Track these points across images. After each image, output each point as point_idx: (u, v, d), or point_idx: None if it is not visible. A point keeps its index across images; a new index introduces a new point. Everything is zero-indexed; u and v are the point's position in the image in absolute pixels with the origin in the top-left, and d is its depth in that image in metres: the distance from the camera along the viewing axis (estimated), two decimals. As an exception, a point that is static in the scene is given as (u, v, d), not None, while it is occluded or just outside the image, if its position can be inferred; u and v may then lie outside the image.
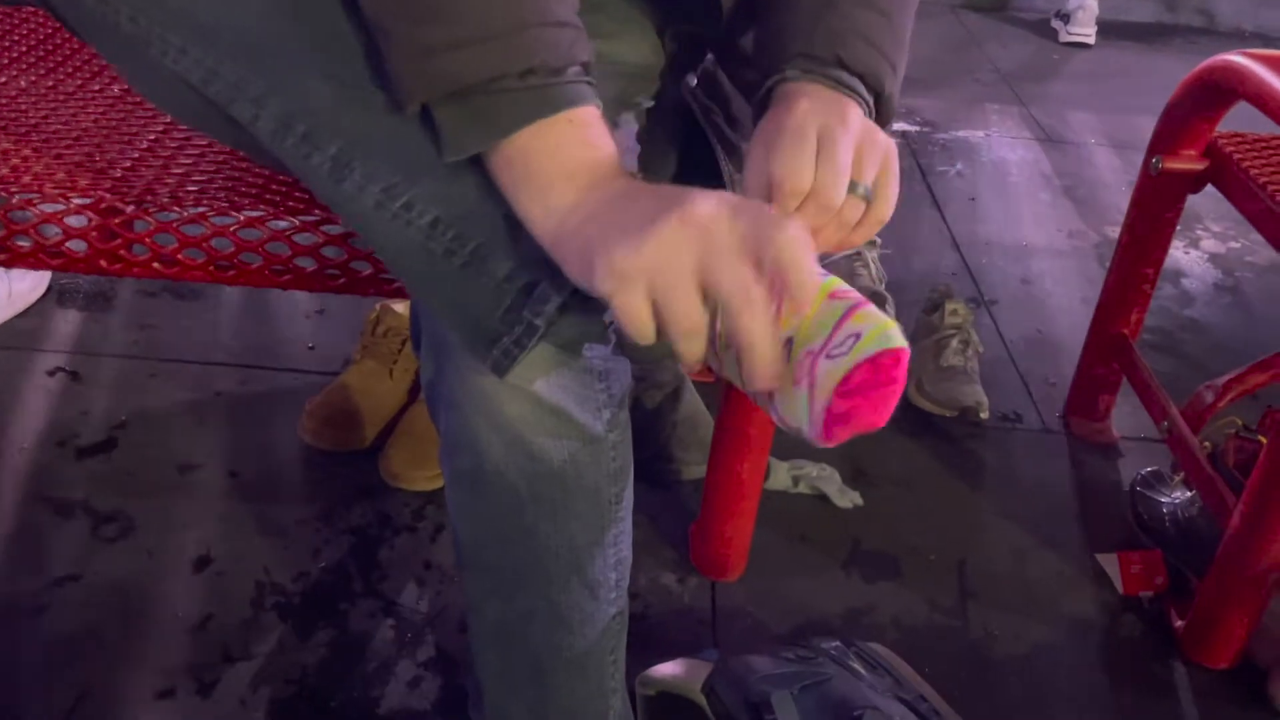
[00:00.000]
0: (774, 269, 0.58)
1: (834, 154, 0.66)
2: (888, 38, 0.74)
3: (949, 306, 1.54)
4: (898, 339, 0.62)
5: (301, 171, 0.69)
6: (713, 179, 0.87)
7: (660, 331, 0.60)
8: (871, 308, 0.64)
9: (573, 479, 0.75)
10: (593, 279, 0.59)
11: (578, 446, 0.74)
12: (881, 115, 0.74)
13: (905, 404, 1.51)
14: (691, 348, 0.60)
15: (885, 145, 0.69)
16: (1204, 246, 2.04)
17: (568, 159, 0.61)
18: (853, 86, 0.71)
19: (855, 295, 0.65)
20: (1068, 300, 1.83)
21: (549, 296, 0.64)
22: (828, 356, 0.62)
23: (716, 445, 1.14)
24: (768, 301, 0.58)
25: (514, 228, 0.64)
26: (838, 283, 0.65)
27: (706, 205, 0.58)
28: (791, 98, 0.70)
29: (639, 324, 0.59)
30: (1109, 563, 1.27)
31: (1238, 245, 2.06)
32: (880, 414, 0.62)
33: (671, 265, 0.57)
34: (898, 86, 0.75)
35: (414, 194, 0.65)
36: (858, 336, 0.62)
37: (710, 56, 0.91)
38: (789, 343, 0.64)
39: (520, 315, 0.65)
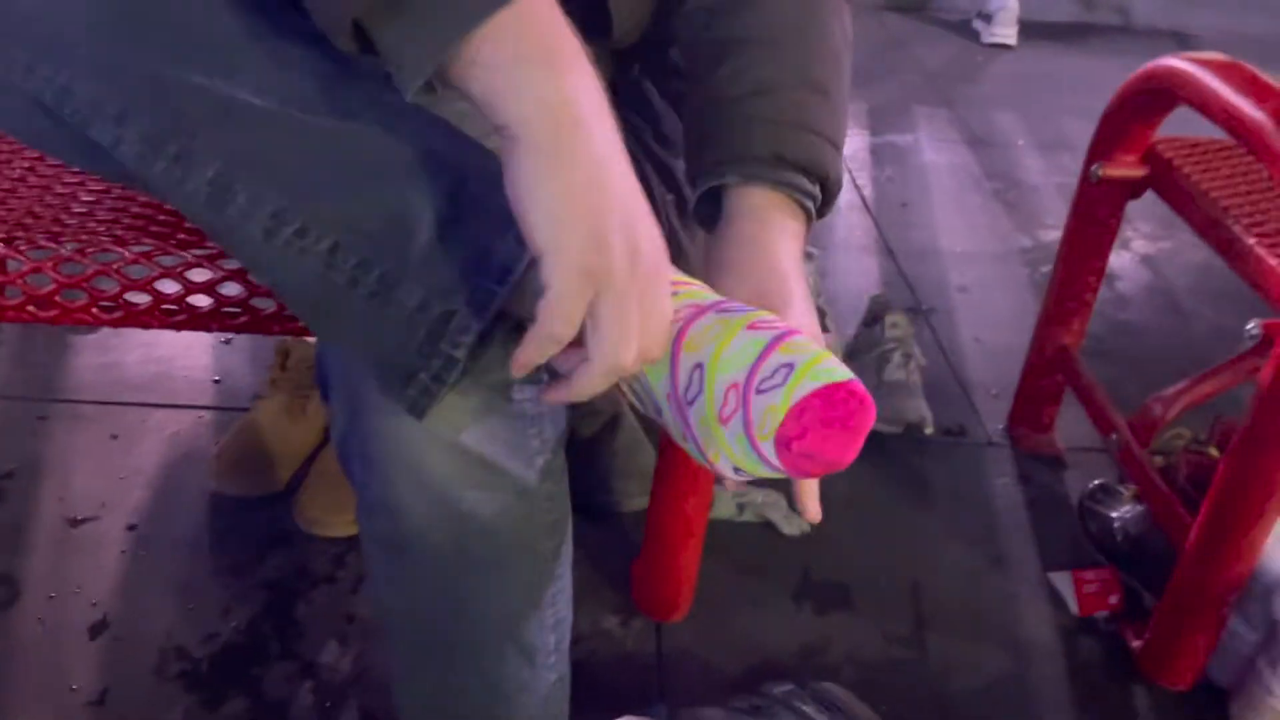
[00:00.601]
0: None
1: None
2: (826, 117, 0.71)
3: (889, 319, 1.50)
4: (842, 370, 0.58)
5: (176, 200, 0.61)
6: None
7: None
8: (800, 337, 0.59)
9: (505, 536, 0.68)
10: (555, 249, 0.54)
11: (510, 500, 0.67)
12: (827, 195, 0.71)
13: (848, 421, 1.46)
14: (603, 385, 0.57)
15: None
16: (1135, 248, 2.03)
17: (550, 39, 0.53)
18: (795, 184, 0.69)
19: (780, 326, 0.60)
20: (1005, 307, 1.80)
21: (469, 326, 0.58)
22: (759, 391, 0.57)
23: (660, 479, 1.07)
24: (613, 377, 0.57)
25: (424, 250, 0.58)
26: (761, 315, 0.61)
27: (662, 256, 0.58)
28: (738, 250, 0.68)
29: (568, 323, 0.55)
30: (1062, 582, 1.24)
31: (1168, 245, 2.06)
32: (845, 451, 0.58)
33: (637, 294, 0.55)
34: (841, 163, 0.72)
35: (307, 217, 0.58)
36: (790, 368, 0.57)
37: (637, 68, 0.85)
38: (699, 368, 0.59)
39: (437, 348, 0.58)
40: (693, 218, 0.73)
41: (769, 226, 0.68)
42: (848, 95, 0.75)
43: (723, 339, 0.59)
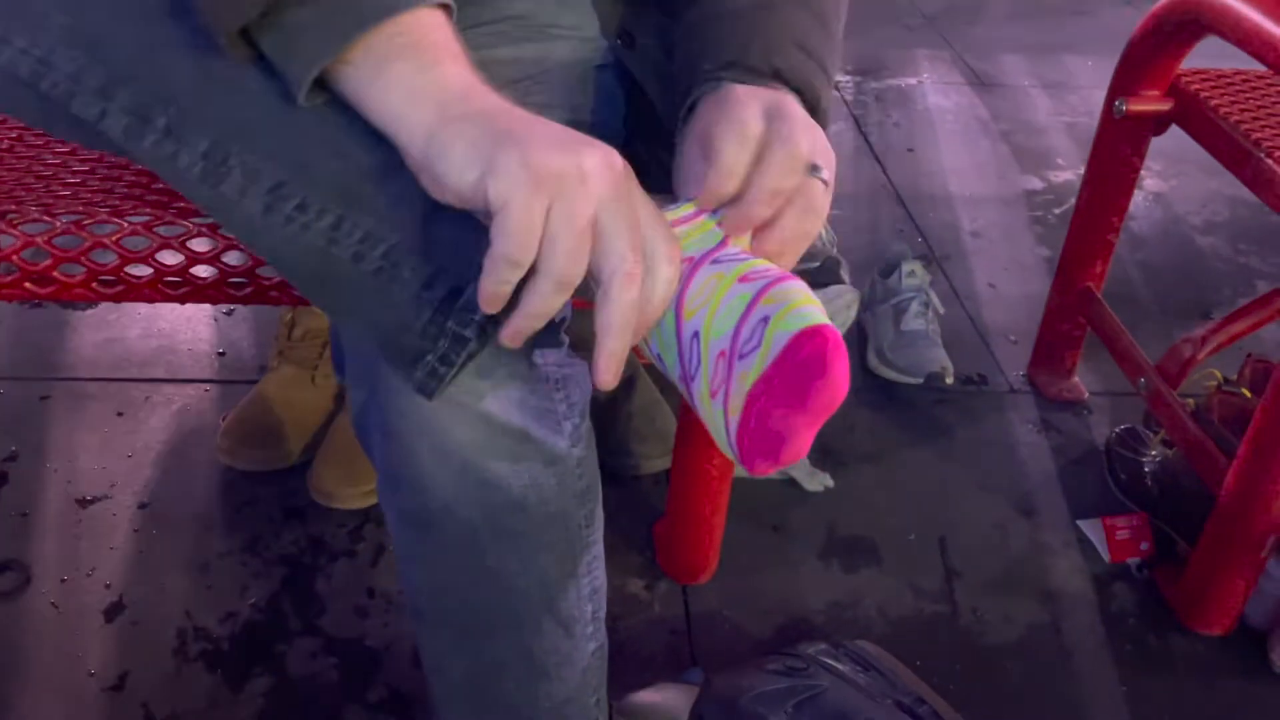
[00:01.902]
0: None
1: (791, 140, 0.60)
2: (823, 44, 0.67)
3: (906, 267, 1.46)
4: (815, 315, 0.51)
5: (169, 175, 0.58)
6: (662, 146, 0.78)
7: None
8: (791, 284, 0.53)
9: (536, 506, 0.65)
10: (492, 172, 0.51)
11: (539, 468, 0.64)
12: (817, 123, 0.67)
13: (867, 374, 1.44)
14: (553, 301, 0.53)
15: (824, 139, 0.63)
16: (1148, 186, 1.99)
17: (424, 39, 0.53)
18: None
19: (774, 273, 0.54)
20: (1018, 251, 1.77)
21: (476, 303, 0.55)
22: (740, 356, 0.52)
23: (682, 441, 1.04)
24: (638, 282, 0.53)
25: (431, 223, 0.55)
26: (756, 265, 0.55)
27: (619, 160, 0.54)
28: (729, 93, 0.63)
29: (527, 235, 0.51)
30: (1093, 529, 1.22)
31: (1177, 182, 2.02)
32: (805, 416, 0.51)
33: (581, 190, 0.52)
34: (831, 94, 0.69)
35: (309, 191, 0.55)
36: (766, 320, 0.51)
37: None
38: (695, 337, 0.55)
39: (444, 327, 0.56)
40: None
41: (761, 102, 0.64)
42: (842, 29, 0.72)
43: (715, 298, 0.54)
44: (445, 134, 0.52)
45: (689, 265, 0.57)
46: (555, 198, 0.51)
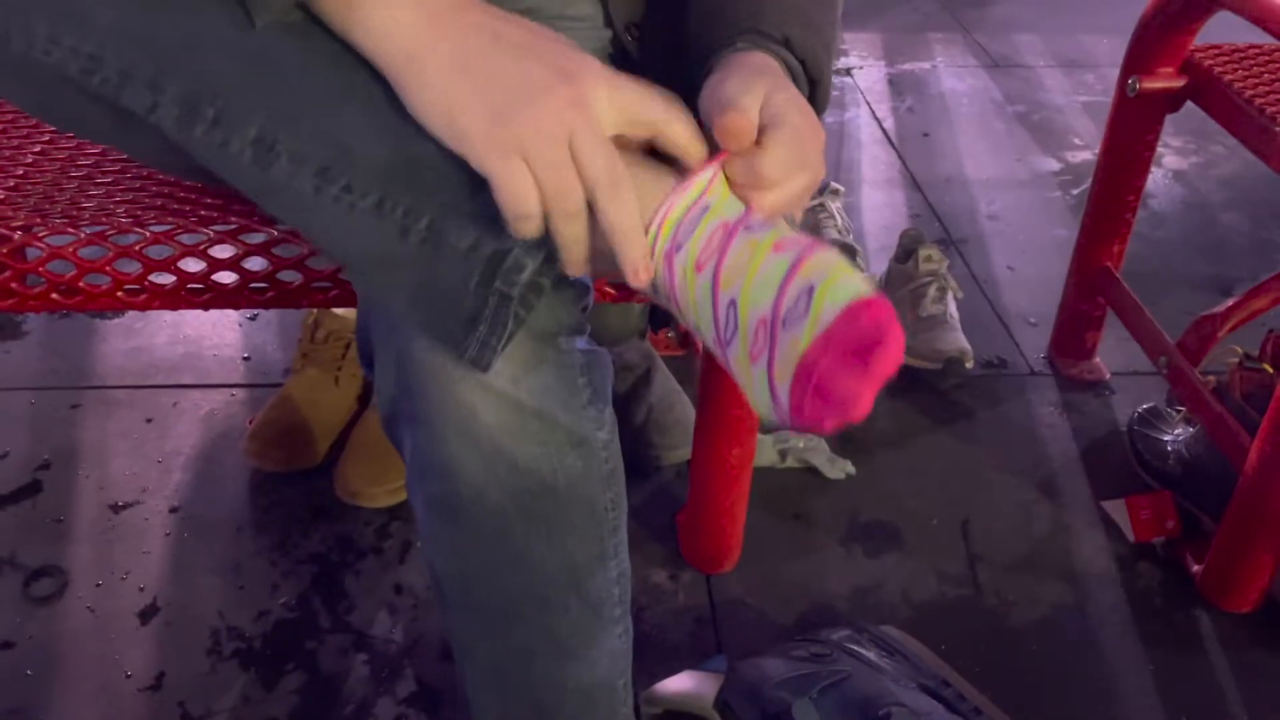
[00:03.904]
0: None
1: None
2: (826, 23, 0.69)
3: (922, 252, 1.46)
4: (862, 285, 0.53)
5: (219, 164, 0.60)
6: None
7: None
8: (823, 252, 0.55)
9: (564, 490, 0.67)
10: (460, 140, 0.56)
11: (567, 452, 0.66)
12: (817, 101, 0.69)
13: (886, 360, 1.44)
14: (571, 228, 0.57)
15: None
16: (1167, 164, 1.98)
17: None
18: (795, 71, 0.67)
19: (805, 241, 0.56)
20: (1037, 233, 1.76)
21: (523, 264, 0.57)
22: (784, 325, 0.54)
23: (701, 430, 1.05)
24: (630, 187, 0.57)
25: (467, 192, 0.57)
26: (782, 233, 0.57)
27: (587, 79, 0.57)
28: (747, 58, 0.64)
29: (517, 197, 0.56)
30: (1116, 510, 1.21)
31: (1199, 159, 2.00)
32: (869, 381, 0.52)
33: (544, 138, 0.55)
34: (831, 72, 0.70)
35: (353, 173, 0.57)
36: (810, 291, 0.53)
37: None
38: (732, 305, 0.56)
39: (492, 287, 0.58)
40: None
41: (775, 72, 0.65)
42: (840, 13, 0.73)
43: (751, 267, 0.56)
44: (412, 80, 0.56)
45: (724, 230, 0.58)
46: (525, 154, 0.55)
